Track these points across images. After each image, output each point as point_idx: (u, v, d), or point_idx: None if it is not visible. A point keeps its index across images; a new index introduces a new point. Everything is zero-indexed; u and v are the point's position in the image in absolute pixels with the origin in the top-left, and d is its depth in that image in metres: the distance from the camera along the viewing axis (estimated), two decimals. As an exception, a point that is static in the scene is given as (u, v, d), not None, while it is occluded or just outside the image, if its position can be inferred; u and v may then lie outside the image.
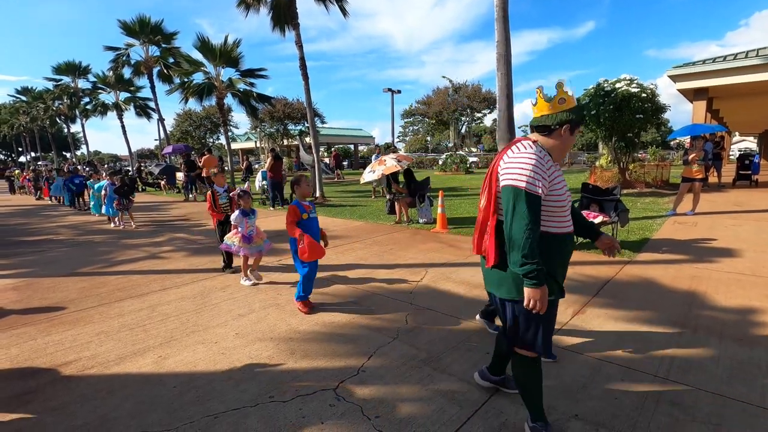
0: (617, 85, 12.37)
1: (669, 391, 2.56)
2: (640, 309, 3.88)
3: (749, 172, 14.02)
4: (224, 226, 5.43)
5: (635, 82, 12.41)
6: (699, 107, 14.24)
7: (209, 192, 5.47)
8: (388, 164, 8.39)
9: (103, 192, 9.98)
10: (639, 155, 20.96)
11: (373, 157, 12.09)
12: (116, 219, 9.92)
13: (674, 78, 13.85)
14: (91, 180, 12.05)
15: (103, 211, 10.13)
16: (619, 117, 12.34)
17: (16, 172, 25.24)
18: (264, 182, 13.33)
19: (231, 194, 5.23)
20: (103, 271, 5.77)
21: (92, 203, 11.80)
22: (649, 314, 3.75)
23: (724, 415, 2.32)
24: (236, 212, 4.83)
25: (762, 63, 12.09)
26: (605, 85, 12.68)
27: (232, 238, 4.85)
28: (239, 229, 4.82)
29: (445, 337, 3.41)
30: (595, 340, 3.28)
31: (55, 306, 4.39)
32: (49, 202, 17.08)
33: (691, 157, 8.78)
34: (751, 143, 49.65)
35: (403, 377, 2.80)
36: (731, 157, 25.87)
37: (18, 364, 3.14)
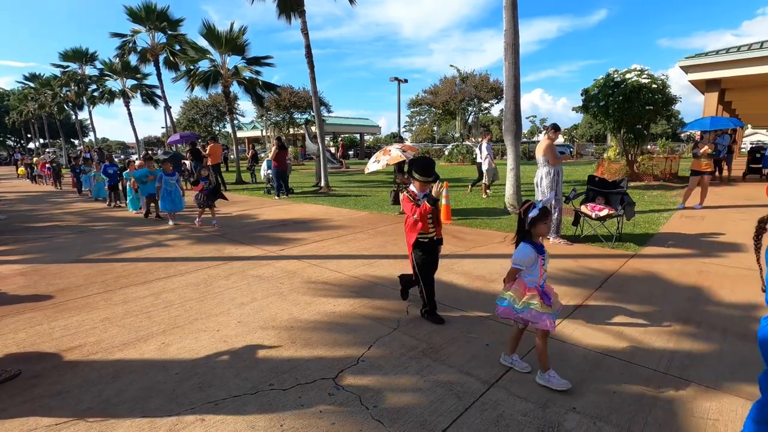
0: (627, 76, 12.17)
1: (669, 385, 2.55)
2: (644, 303, 3.86)
3: (760, 165, 13.80)
4: (429, 255, 3.58)
5: (646, 72, 12.20)
6: (711, 99, 13.97)
7: (404, 194, 3.55)
8: (393, 154, 8.35)
9: (157, 184, 8.42)
10: (648, 147, 20.72)
11: (480, 146, 11.46)
12: (174, 215, 8.49)
13: (686, 69, 13.58)
14: (128, 170, 10.33)
15: (161, 206, 8.58)
16: (629, 108, 12.16)
17: (35, 159, 24.33)
18: (269, 171, 13.33)
19: (521, 210, 2.73)
20: (109, 258, 5.84)
21: (129, 197, 10.36)
22: (653, 308, 3.72)
23: (723, 411, 2.31)
24: (525, 247, 2.64)
25: (777, 54, 11.80)
26: (615, 75, 12.48)
27: (529, 300, 2.59)
28: (526, 277, 2.67)
29: (445, 328, 3.41)
30: (595, 333, 3.27)
31: (61, 292, 4.46)
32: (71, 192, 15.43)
33: (702, 150, 8.64)
34: (763, 136, 48.78)
35: (403, 367, 2.82)
36: (742, 150, 25.47)
37: (24, 349, 3.20)
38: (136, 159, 14.01)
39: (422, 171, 3.50)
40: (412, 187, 3.60)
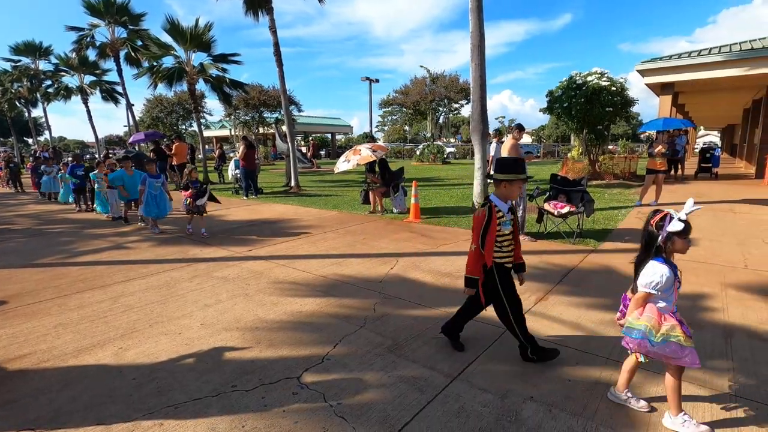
0: (588, 79, 12.64)
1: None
2: (600, 296, 4.03)
3: (710, 165, 14.66)
4: (502, 282, 2.73)
5: (606, 75, 12.71)
6: (665, 101, 14.70)
7: (484, 209, 2.68)
8: (363, 154, 8.36)
9: (140, 187, 7.35)
10: (610, 148, 21.61)
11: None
12: (157, 223, 7.59)
13: (642, 72, 14.23)
14: (96, 171, 9.35)
15: (141, 211, 7.57)
16: (590, 110, 12.64)
17: None
18: (237, 171, 13.06)
19: (652, 222, 2.28)
20: (64, 262, 5.57)
21: (98, 200, 9.39)
22: (608, 300, 3.89)
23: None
24: (660, 266, 2.16)
25: (724, 60, 12.54)
26: (577, 78, 12.94)
27: (670, 331, 2.13)
28: (659, 303, 2.21)
29: (410, 324, 3.46)
30: (554, 324, 3.40)
31: (10, 298, 4.22)
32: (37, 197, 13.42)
33: (657, 149, 9.09)
34: (715, 137, 51.77)
35: (368, 364, 2.84)
36: (695, 150, 26.98)
37: (-33, 359, 3.01)
38: (105, 159, 12.84)
39: (511, 167, 2.73)
40: (493, 198, 2.74)
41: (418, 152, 29.13)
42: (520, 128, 6.62)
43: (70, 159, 12.07)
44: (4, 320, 3.67)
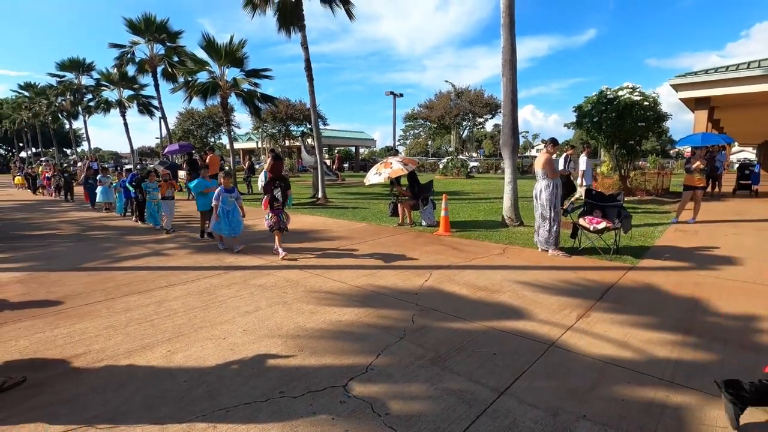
0: (620, 93, 12.45)
1: (676, 394, 2.59)
2: (644, 314, 3.91)
3: (749, 182, 14.11)
4: None
5: (638, 90, 12.49)
6: (701, 117, 14.32)
7: None
8: (395, 167, 8.43)
9: (214, 202, 6.67)
10: (639, 163, 21.09)
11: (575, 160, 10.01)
12: (229, 240, 6.84)
13: (676, 87, 13.94)
14: (147, 181, 9.26)
15: (215, 227, 6.73)
16: (621, 124, 12.42)
17: (39, 168, 22.62)
18: (266, 182, 13.35)
19: None
20: (108, 267, 5.79)
21: (149, 211, 9.38)
22: (653, 319, 3.78)
23: (731, 419, 2.34)
24: None
25: (763, 74, 12.17)
26: (608, 92, 12.76)
27: None
28: None
29: (451, 337, 3.43)
30: (600, 342, 3.31)
31: (62, 299, 4.41)
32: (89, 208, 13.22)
33: (694, 165, 8.83)
34: (749, 153, 49.91)
35: (412, 376, 2.83)
36: (731, 167, 26.04)
37: (27, 356, 3.16)
38: (161, 168, 12.85)
39: None
40: None
41: (441, 166, 29.11)
42: (554, 142, 6.57)
43: (129, 167, 12.24)
44: (57, 320, 3.83)
